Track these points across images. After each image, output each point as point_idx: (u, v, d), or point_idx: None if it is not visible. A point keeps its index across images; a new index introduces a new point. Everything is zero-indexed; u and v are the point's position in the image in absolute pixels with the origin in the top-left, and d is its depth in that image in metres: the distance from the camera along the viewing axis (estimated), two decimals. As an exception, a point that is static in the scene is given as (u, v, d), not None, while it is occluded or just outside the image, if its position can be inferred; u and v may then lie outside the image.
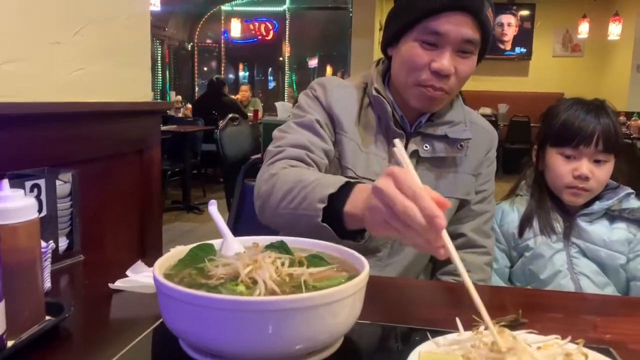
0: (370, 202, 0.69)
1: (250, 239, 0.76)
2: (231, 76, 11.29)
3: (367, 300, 0.66)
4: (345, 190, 0.84)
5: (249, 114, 7.38)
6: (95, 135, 1.71)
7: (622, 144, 1.21)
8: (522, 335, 0.66)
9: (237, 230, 0.92)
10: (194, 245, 0.72)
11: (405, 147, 1.12)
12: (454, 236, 1.17)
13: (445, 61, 1.02)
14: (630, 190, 1.23)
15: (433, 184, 1.12)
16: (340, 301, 0.60)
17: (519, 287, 1.27)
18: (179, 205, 5.43)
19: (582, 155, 1.20)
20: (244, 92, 8.53)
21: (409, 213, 0.63)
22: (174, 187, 5.83)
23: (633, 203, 1.23)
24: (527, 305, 0.89)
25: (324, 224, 0.85)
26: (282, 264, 0.67)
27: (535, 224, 1.25)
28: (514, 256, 1.29)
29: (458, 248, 1.14)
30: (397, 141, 0.70)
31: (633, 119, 5.81)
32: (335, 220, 0.85)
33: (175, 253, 0.70)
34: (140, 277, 0.86)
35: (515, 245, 1.28)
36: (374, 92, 1.12)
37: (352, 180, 0.86)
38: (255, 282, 0.62)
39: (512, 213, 1.30)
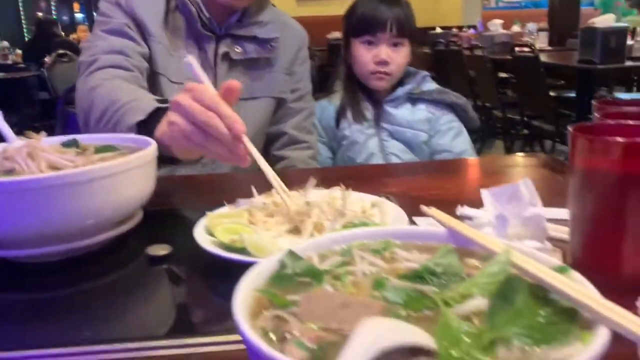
0: (170, 118, 0.68)
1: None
2: (65, 18, 10.19)
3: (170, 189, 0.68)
4: (156, 115, 0.82)
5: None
6: None
7: (414, 29, 1.34)
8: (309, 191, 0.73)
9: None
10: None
11: (216, 50, 1.13)
12: (276, 135, 1.22)
13: None
14: (426, 73, 1.38)
15: (248, 86, 1.14)
16: (121, 174, 0.62)
17: (334, 167, 1.38)
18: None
19: (380, 42, 1.32)
20: (82, 32, 7.81)
21: (211, 122, 0.64)
22: (13, 141, 5.28)
23: (430, 86, 1.38)
24: (339, 179, 0.98)
25: None
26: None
27: (349, 114, 1.36)
28: (334, 147, 1.39)
29: (282, 146, 1.22)
30: (189, 57, 0.71)
31: (464, 29, 6.32)
32: None
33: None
34: None
35: (334, 136, 1.38)
36: None
37: (163, 105, 0.84)
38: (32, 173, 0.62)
39: (329, 108, 1.39)
